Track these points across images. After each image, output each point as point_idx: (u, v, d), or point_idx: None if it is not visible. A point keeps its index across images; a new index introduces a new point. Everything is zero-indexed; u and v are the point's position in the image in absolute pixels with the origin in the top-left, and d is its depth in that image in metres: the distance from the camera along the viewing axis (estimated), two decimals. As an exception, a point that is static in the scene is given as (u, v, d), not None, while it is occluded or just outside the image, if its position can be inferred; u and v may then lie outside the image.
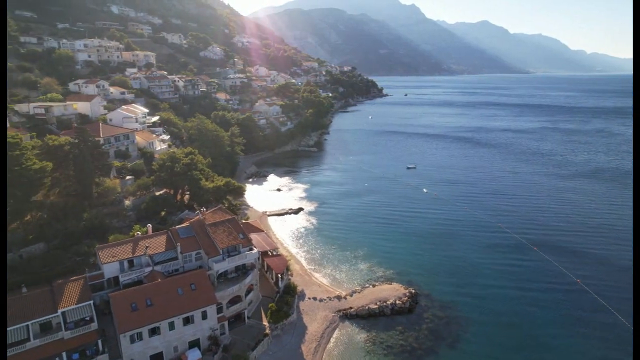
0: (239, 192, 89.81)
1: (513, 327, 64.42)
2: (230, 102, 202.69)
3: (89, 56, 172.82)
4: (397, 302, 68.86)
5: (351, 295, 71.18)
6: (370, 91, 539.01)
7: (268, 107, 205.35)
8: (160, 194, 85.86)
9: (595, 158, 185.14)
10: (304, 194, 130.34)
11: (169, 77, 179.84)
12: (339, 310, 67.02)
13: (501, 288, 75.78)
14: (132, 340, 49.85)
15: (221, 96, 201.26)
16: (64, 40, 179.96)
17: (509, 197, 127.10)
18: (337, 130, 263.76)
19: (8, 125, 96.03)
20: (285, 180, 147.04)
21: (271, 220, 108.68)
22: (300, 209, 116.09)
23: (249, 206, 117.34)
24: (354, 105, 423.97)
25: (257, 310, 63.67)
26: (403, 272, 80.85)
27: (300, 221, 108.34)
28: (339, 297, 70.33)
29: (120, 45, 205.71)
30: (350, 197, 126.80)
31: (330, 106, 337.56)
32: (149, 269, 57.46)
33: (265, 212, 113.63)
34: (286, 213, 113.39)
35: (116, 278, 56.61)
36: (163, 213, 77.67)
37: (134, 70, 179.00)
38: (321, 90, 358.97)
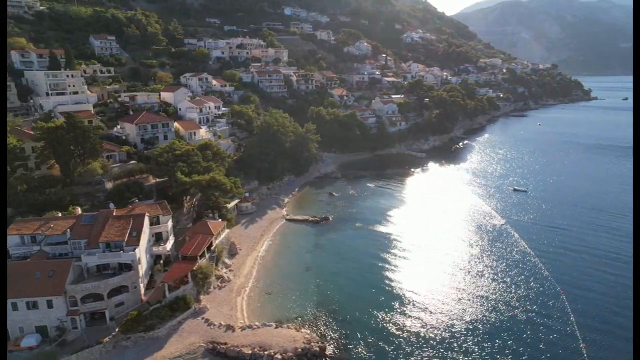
0: (224, 189, 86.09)
1: None
2: (346, 98, 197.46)
3: (222, 53, 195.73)
4: (277, 355, 54.16)
5: (243, 329, 59.68)
6: (571, 93, 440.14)
7: (383, 104, 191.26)
8: (159, 182, 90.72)
9: None
10: (350, 204, 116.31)
11: (283, 72, 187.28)
12: (212, 342, 57.14)
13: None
14: (-26, 311, 54.00)
15: (337, 92, 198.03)
16: (210, 40, 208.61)
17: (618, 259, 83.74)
18: (479, 135, 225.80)
19: (92, 110, 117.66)
20: (351, 185, 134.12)
21: (284, 225, 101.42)
22: (325, 219, 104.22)
23: (280, 206, 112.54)
24: (535, 108, 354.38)
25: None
26: (347, 327, 63.20)
27: (312, 232, 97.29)
28: (229, 327, 59.98)
29: (262, 43, 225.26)
30: (396, 218, 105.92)
31: (495, 108, 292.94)
32: (37, 248, 61.11)
33: (286, 215, 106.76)
34: (305, 221, 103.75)
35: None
36: (136, 200, 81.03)
37: (258, 64, 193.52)
38: (490, 90, 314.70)
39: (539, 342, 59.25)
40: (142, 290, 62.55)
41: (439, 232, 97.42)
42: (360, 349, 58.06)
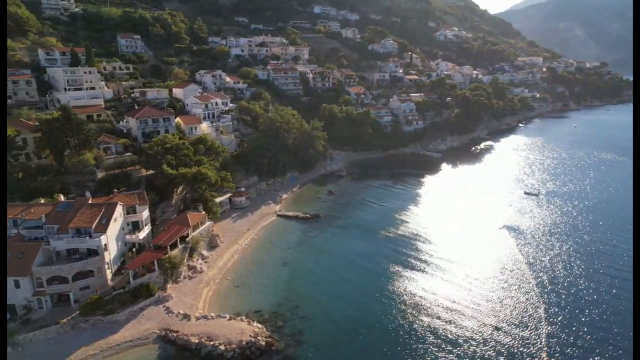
0: (209, 183, 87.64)
1: None
2: (363, 96, 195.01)
3: (242, 51, 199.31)
4: (220, 347, 54.59)
5: (198, 319, 60.69)
6: (622, 94, 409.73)
7: (400, 103, 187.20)
8: (149, 173, 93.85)
9: None
10: (346, 203, 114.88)
11: (300, 69, 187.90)
12: (165, 329, 58.53)
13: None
14: (-50, 286, 58.35)
15: (354, 90, 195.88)
16: (231, 38, 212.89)
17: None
18: (505, 137, 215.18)
19: (102, 105, 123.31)
20: (354, 184, 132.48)
21: (274, 220, 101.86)
22: (316, 217, 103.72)
23: (276, 202, 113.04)
24: (577, 110, 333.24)
25: (95, 299, 62.66)
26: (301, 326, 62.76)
27: (300, 229, 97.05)
28: (185, 316, 61.23)
29: (285, 41, 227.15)
30: (390, 219, 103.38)
31: (529, 109, 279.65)
32: (15, 231, 65.10)
33: (279, 211, 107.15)
34: (296, 217, 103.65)
35: None
36: (116, 190, 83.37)
37: (275, 62, 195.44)
38: (525, 90, 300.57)
39: (500, 355, 56.00)
40: (110, 276, 65.14)
41: (430, 234, 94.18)
42: (311, 347, 57.39)
